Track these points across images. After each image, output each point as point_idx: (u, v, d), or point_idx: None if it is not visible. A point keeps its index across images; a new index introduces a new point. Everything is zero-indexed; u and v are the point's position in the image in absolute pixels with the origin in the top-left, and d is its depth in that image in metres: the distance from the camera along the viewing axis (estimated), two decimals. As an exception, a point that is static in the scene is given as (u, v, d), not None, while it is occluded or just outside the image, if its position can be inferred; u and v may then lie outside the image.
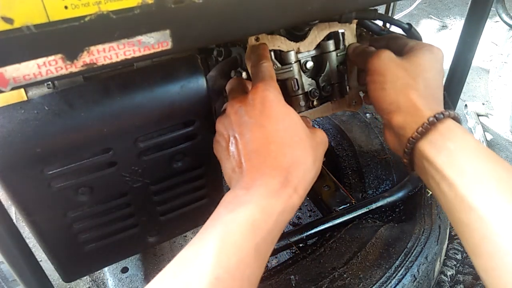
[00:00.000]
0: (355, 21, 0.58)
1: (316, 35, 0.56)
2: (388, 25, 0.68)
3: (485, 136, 1.39)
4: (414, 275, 0.68)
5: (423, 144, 0.44)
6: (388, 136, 0.50)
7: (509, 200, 0.36)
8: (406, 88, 0.47)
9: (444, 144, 0.42)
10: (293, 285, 0.66)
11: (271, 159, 0.39)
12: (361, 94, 0.62)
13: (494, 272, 0.35)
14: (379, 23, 0.63)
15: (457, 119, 0.44)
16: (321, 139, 0.45)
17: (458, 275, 0.95)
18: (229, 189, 0.41)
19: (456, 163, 0.41)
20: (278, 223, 0.37)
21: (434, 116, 0.43)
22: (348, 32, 0.58)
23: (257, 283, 0.36)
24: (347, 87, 0.61)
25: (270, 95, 0.42)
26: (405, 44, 0.52)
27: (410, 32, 0.57)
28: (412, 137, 0.44)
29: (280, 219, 0.37)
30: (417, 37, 0.57)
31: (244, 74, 0.54)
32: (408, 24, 0.56)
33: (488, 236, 0.36)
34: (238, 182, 0.40)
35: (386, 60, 0.49)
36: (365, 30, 0.66)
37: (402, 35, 0.59)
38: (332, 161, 0.98)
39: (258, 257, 0.35)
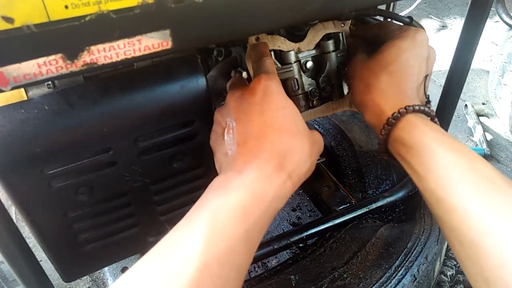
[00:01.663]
0: (348, 22, 0.58)
1: (314, 35, 0.56)
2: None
3: (485, 136, 1.39)
4: (414, 275, 0.68)
5: (392, 142, 0.45)
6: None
7: (473, 191, 0.37)
8: (368, 88, 0.48)
9: (409, 140, 0.43)
10: (293, 285, 0.66)
11: (267, 143, 0.39)
12: None
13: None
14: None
15: (420, 110, 0.44)
16: (318, 139, 0.45)
17: (458, 275, 0.95)
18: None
19: (421, 159, 0.41)
20: (270, 209, 0.36)
21: (392, 116, 0.44)
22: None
23: (246, 271, 0.35)
24: (347, 87, 0.61)
25: (272, 84, 0.42)
26: (380, 32, 0.53)
27: (411, 25, 0.57)
28: (380, 139, 0.46)
29: (272, 205, 0.36)
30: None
31: (244, 74, 0.54)
32: (409, 17, 0.56)
33: (457, 227, 0.37)
34: (229, 166, 0.39)
35: (356, 64, 0.52)
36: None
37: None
38: (332, 161, 0.98)
39: (248, 244, 0.34)
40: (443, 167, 0.40)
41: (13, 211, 0.67)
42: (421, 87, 0.49)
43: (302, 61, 0.56)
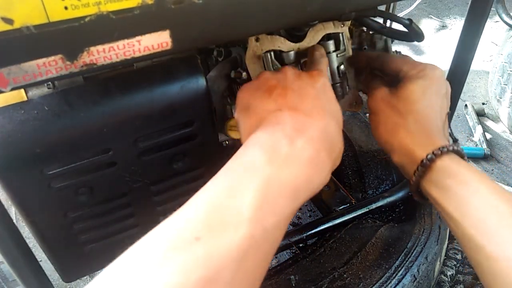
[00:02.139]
0: (348, 22, 0.58)
1: (314, 36, 0.56)
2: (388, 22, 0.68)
3: (485, 136, 1.39)
4: (414, 275, 0.68)
5: (425, 185, 0.44)
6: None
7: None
8: (395, 128, 0.48)
9: (444, 182, 0.42)
10: (293, 285, 0.66)
11: (321, 125, 0.38)
12: (361, 94, 0.62)
13: None
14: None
15: (454, 150, 0.44)
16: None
17: (458, 275, 0.95)
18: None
19: (458, 203, 0.40)
20: (311, 194, 0.36)
21: (426, 158, 0.43)
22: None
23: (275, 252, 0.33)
24: (347, 87, 0.61)
25: (329, 84, 0.44)
26: (399, 69, 0.52)
27: (411, 27, 0.57)
28: (413, 180, 0.45)
29: (315, 190, 0.36)
30: (418, 33, 0.57)
31: (244, 74, 0.54)
32: (409, 19, 0.56)
33: (498, 275, 0.36)
34: (277, 125, 0.37)
35: (378, 100, 0.51)
36: (365, 28, 0.66)
37: (401, 31, 0.59)
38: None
39: (287, 225, 0.33)
40: (481, 211, 0.38)
41: (13, 211, 0.67)
42: (445, 125, 0.49)
43: (302, 61, 0.56)
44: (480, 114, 1.51)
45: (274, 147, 0.34)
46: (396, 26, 0.61)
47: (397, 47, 1.65)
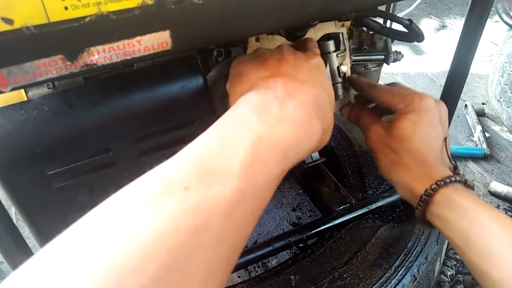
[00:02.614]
0: (348, 23, 0.58)
1: (313, 36, 0.56)
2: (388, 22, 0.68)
3: (485, 136, 1.39)
4: (414, 275, 0.68)
5: (428, 216, 0.46)
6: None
7: None
8: (393, 165, 0.49)
9: (444, 215, 0.43)
10: (293, 285, 0.66)
11: (311, 90, 0.38)
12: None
13: None
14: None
15: (452, 181, 0.45)
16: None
17: (458, 275, 0.95)
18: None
19: (460, 234, 0.42)
20: (301, 156, 0.36)
21: (425, 193, 0.45)
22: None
23: (259, 217, 0.32)
24: (351, 89, 0.61)
25: (323, 65, 0.45)
26: (388, 103, 0.52)
27: (411, 28, 0.57)
28: (417, 214, 0.47)
29: (304, 152, 0.36)
30: (418, 33, 0.57)
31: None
32: (409, 20, 0.56)
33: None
34: (268, 88, 0.37)
35: (374, 141, 0.52)
36: (365, 28, 0.66)
37: (401, 31, 0.59)
38: (332, 161, 0.98)
39: (276, 184, 0.33)
40: (483, 240, 0.39)
41: (13, 211, 0.67)
42: (443, 152, 0.49)
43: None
44: (480, 114, 1.51)
45: (265, 107, 0.34)
46: (396, 26, 0.61)
47: (397, 47, 1.65)
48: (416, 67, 1.84)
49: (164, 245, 0.23)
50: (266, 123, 0.33)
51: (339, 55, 0.58)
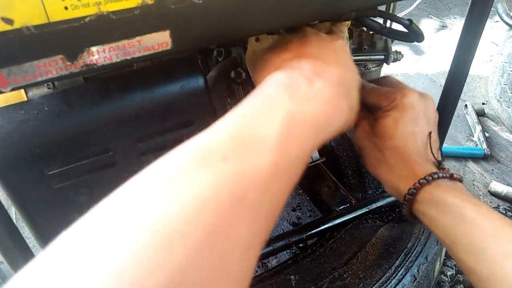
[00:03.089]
0: (348, 22, 0.58)
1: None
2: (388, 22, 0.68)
3: (485, 136, 1.39)
4: (414, 275, 0.68)
5: (415, 213, 0.46)
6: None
7: (503, 256, 0.37)
8: (378, 163, 0.50)
9: (429, 212, 0.44)
10: (293, 285, 0.66)
11: (337, 72, 0.38)
12: None
13: None
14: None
15: (434, 178, 0.44)
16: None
17: (458, 275, 0.95)
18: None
19: (446, 231, 0.42)
20: (330, 135, 0.36)
21: (408, 193, 0.45)
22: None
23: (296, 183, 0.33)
24: None
25: (347, 48, 0.45)
26: (376, 102, 0.52)
27: (411, 28, 0.57)
28: (404, 212, 0.47)
29: (332, 131, 0.36)
30: (418, 33, 0.57)
31: (244, 74, 0.54)
32: (409, 20, 0.56)
33: None
34: (295, 69, 0.37)
35: (359, 138, 0.53)
36: (365, 28, 0.66)
37: (401, 31, 0.59)
38: (332, 161, 0.98)
39: (308, 158, 0.33)
40: (468, 235, 0.39)
41: (13, 211, 0.67)
42: (427, 147, 0.49)
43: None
44: (480, 114, 1.51)
45: (293, 86, 0.34)
46: (396, 26, 0.61)
47: (397, 47, 1.65)
48: (416, 67, 1.84)
49: (207, 212, 0.23)
50: (296, 100, 0.33)
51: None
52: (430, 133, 0.49)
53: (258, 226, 0.27)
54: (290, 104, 0.32)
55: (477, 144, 1.39)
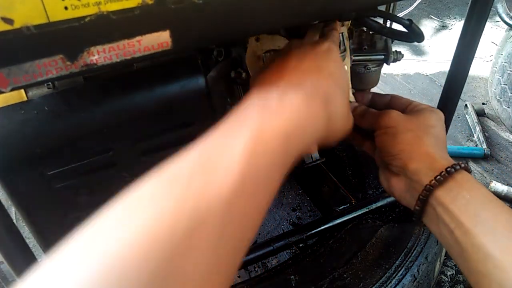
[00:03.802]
0: (348, 22, 0.58)
1: (313, 35, 0.56)
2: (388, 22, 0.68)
3: (485, 136, 1.39)
4: (414, 275, 0.68)
5: (439, 192, 0.45)
6: (395, 183, 0.52)
7: None
8: (417, 139, 0.49)
9: (461, 193, 0.43)
10: (293, 285, 0.66)
11: (314, 80, 0.39)
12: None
13: None
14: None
15: (468, 170, 0.46)
16: (351, 118, 0.47)
17: (458, 275, 0.95)
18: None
19: (472, 212, 0.41)
20: (306, 143, 0.36)
21: (452, 166, 0.45)
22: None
23: (270, 202, 0.32)
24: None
25: (335, 48, 0.45)
26: (407, 103, 0.55)
27: (411, 28, 0.57)
28: (429, 184, 0.45)
29: (309, 138, 0.36)
30: (418, 33, 0.57)
31: (244, 74, 0.54)
32: (409, 20, 0.56)
33: (506, 285, 0.36)
34: (270, 86, 0.38)
35: (396, 116, 0.52)
36: (365, 28, 0.66)
37: (401, 31, 0.59)
38: (332, 161, 0.98)
39: (279, 178, 0.32)
40: (496, 223, 0.39)
41: (13, 211, 0.67)
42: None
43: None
44: (480, 114, 1.51)
45: (265, 102, 0.35)
46: (396, 26, 0.61)
47: (397, 47, 1.65)
48: (416, 67, 1.84)
49: (162, 245, 0.23)
50: (265, 114, 0.33)
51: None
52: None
53: (223, 250, 0.26)
54: (259, 119, 0.32)
55: (477, 144, 1.39)
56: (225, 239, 0.26)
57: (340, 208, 0.81)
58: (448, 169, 0.44)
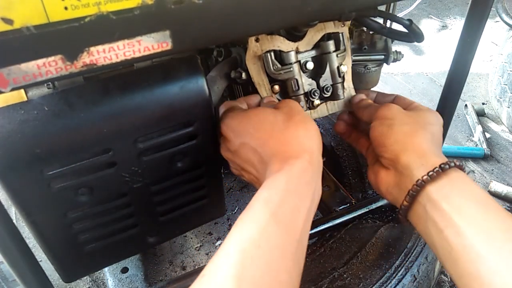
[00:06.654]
0: (348, 22, 0.58)
1: (313, 35, 0.56)
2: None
3: (485, 136, 1.39)
4: (414, 275, 0.68)
5: (431, 188, 0.43)
6: (383, 177, 0.51)
7: None
8: (413, 132, 0.48)
9: (453, 191, 0.42)
10: (293, 285, 0.66)
11: (296, 146, 0.44)
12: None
13: None
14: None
15: (463, 169, 0.45)
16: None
17: (458, 275, 0.95)
18: (228, 189, 0.44)
19: (465, 211, 0.40)
20: (291, 191, 0.40)
21: (446, 163, 0.43)
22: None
23: (295, 250, 0.38)
24: (349, 91, 0.61)
25: (297, 105, 0.51)
26: (410, 103, 0.56)
27: (411, 28, 0.57)
28: (421, 180, 0.44)
29: (290, 187, 0.40)
30: (418, 33, 0.57)
31: (244, 74, 0.54)
32: (409, 20, 0.56)
33: (497, 287, 0.35)
34: (268, 170, 0.44)
35: (395, 109, 0.52)
36: (365, 28, 0.66)
37: (401, 31, 0.59)
38: (332, 161, 0.98)
39: (280, 224, 0.37)
40: (488, 223, 0.39)
41: (13, 211, 0.67)
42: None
43: (302, 61, 0.56)
44: (480, 114, 1.51)
45: (265, 185, 0.43)
46: (396, 26, 0.61)
47: (397, 47, 1.65)
48: (416, 67, 1.84)
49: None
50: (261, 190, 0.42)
51: (339, 55, 0.58)
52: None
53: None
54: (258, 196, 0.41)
55: (477, 144, 1.39)
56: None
57: (340, 208, 0.81)
58: (442, 165, 0.43)
